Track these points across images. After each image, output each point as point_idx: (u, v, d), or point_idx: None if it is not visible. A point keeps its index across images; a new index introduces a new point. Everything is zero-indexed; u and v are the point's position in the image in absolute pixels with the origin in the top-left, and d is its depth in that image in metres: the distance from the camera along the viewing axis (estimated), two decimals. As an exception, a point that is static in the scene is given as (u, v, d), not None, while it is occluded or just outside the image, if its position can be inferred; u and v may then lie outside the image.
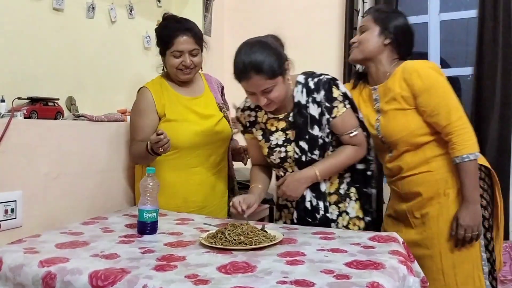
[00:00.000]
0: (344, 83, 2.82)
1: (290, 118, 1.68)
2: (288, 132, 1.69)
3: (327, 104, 1.62)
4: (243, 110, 1.82)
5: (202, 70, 2.06)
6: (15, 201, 1.59)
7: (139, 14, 2.43)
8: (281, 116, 1.70)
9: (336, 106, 1.64)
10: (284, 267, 1.15)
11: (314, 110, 1.63)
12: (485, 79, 2.57)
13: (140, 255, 1.27)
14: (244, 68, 1.53)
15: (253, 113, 1.78)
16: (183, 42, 1.89)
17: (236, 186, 2.17)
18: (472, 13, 2.70)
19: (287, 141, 1.69)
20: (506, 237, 2.49)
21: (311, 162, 1.66)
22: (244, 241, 1.34)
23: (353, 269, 1.14)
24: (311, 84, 1.64)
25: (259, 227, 1.45)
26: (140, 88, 1.98)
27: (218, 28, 3.23)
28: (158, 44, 1.97)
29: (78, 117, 1.90)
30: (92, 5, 2.11)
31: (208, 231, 1.49)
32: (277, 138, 1.71)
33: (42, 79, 1.89)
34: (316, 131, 1.64)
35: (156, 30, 1.98)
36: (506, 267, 2.02)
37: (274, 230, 1.50)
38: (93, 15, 2.13)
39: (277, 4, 3.19)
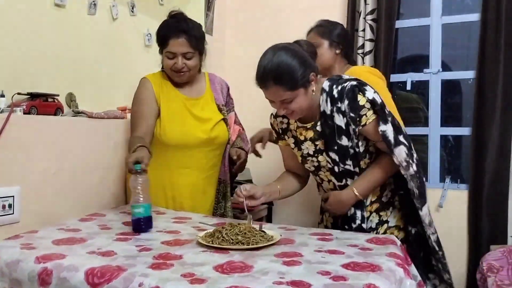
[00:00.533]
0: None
1: (318, 128, 1.61)
2: (317, 142, 1.63)
3: (351, 115, 1.52)
4: (275, 116, 1.78)
5: (200, 71, 2.04)
6: (13, 196, 1.59)
7: (140, 11, 2.43)
8: (308, 126, 1.64)
9: (365, 114, 1.53)
10: (280, 268, 1.15)
11: (339, 121, 1.55)
12: (486, 83, 2.57)
13: (137, 253, 1.27)
14: (263, 75, 1.48)
15: (285, 120, 1.73)
16: (177, 44, 1.86)
17: (229, 192, 2.10)
18: (475, 16, 2.69)
19: (317, 151, 1.64)
20: (504, 242, 2.49)
21: (346, 172, 1.62)
22: (241, 241, 1.33)
23: (350, 270, 1.13)
24: (335, 92, 1.54)
25: (257, 227, 1.44)
26: (142, 78, 1.98)
27: (220, 27, 3.23)
28: (156, 41, 1.96)
29: (77, 113, 1.90)
30: (94, 1, 2.11)
31: (206, 230, 1.49)
32: (308, 147, 1.66)
33: (42, 75, 1.88)
34: (344, 141, 1.56)
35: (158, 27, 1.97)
36: (503, 272, 2.01)
37: (272, 230, 1.49)
38: (95, 12, 2.13)
39: (279, 4, 3.18)
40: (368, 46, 2.78)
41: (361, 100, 1.52)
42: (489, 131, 2.55)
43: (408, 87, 2.92)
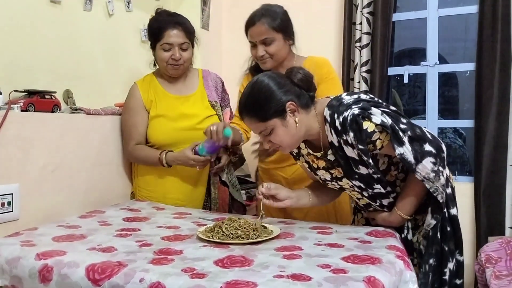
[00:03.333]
0: (342, 78, 2.84)
1: (329, 157, 1.49)
2: (332, 171, 1.52)
3: (360, 147, 1.37)
4: None
5: (192, 64, 2.06)
6: (12, 194, 1.58)
7: (136, 7, 2.42)
8: (318, 155, 1.53)
9: (378, 138, 1.39)
10: (281, 261, 1.15)
11: (350, 152, 1.41)
12: (483, 75, 2.58)
13: (137, 249, 1.27)
14: (239, 108, 1.49)
15: None
16: (173, 35, 1.90)
17: (215, 188, 2.08)
18: (472, 9, 2.69)
19: (335, 178, 1.54)
20: (502, 233, 2.51)
21: (377, 195, 1.52)
22: (241, 235, 1.34)
23: (350, 263, 1.14)
24: (338, 124, 1.40)
25: (258, 219, 1.45)
26: (133, 85, 2.03)
27: (216, 22, 3.22)
28: (149, 37, 1.98)
29: (75, 110, 1.90)
30: (89, -3, 2.10)
31: (206, 225, 1.49)
32: (323, 175, 1.56)
33: (39, 72, 1.88)
34: (363, 170, 1.44)
35: (148, 24, 1.98)
36: (501, 263, 2.03)
37: (272, 224, 1.50)
38: (91, 8, 2.12)
39: (276, -2, 3.17)
40: (365, 40, 2.77)
41: (369, 127, 1.37)
42: (486, 122, 2.55)
43: (406, 80, 2.92)
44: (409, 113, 2.85)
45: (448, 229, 1.48)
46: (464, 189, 2.67)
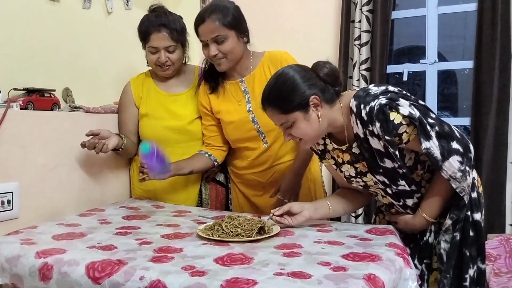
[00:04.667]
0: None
1: (354, 150, 1.46)
2: (357, 165, 1.49)
3: (387, 138, 1.33)
4: None
5: (187, 62, 2.05)
6: (12, 192, 1.58)
7: (135, 5, 2.41)
8: (343, 148, 1.50)
9: (405, 131, 1.35)
10: (281, 259, 1.15)
11: (376, 144, 1.38)
12: (483, 73, 2.57)
13: (137, 247, 1.27)
14: (262, 98, 1.45)
15: (321, 141, 1.59)
16: (158, 38, 1.87)
17: (206, 189, 2.06)
18: (471, 6, 2.69)
19: (360, 173, 1.51)
20: (502, 230, 2.51)
21: (401, 193, 1.47)
22: (241, 233, 1.34)
23: (350, 261, 1.14)
24: (364, 114, 1.36)
25: (256, 219, 1.45)
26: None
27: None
28: (139, 37, 1.95)
29: (74, 108, 1.89)
30: (88, -5, 2.09)
31: (205, 223, 1.49)
32: (348, 170, 1.53)
33: (38, 70, 1.87)
34: (389, 163, 1.40)
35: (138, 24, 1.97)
36: (501, 260, 2.03)
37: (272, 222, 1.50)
38: (90, 6, 2.12)
39: (275, -4, 3.17)
40: (365, 38, 2.77)
41: (396, 118, 1.34)
42: (486, 121, 2.55)
43: (405, 78, 2.92)
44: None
45: (471, 234, 1.43)
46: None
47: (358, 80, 2.76)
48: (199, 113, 1.98)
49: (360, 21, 2.77)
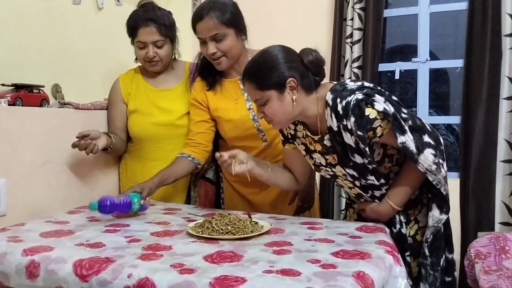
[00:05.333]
0: (331, 73, 2.83)
1: (326, 142, 1.48)
2: (327, 156, 1.52)
3: (359, 133, 1.36)
4: None
5: (177, 57, 2.03)
6: (-1, 189, 1.57)
7: (126, 1, 2.39)
8: (316, 138, 1.51)
9: (379, 125, 1.38)
10: (270, 257, 1.15)
11: (348, 139, 1.40)
12: (473, 71, 2.58)
13: (126, 244, 1.26)
14: (243, 72, 1.47)
15: (292, 126, 1.60)
16: (145, 33, 1.85)
17: (194, 187, 2.06)
18: (462, 5, 2.70)
19: (329, 164, 1.54)
20: (491, 229, 2.53)
21: (370, 186, 1.50)
22: (231, 231, 1.33)
23: (339, 258, 1.14)
24: (340, 108, 1.38)
25: (246, 217, 1.44)
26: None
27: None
28: (127, 33, 1.94)
29: (64, 104, 1.88)
30: (78, -9, 2.07)
31: (195, 220, 1.49)
32: (319, 158, 1.55)
33: (27, 66, 1.85)
34: (358, 159, 1.42)
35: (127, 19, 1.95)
36: (491, 258, 2.04)
37: (262, 220, 1.49)
38: (80, 1, 2.09)
39: (267, -8, 3.16)
40: (357, 35, 2.77)
41: (371, 113, 1.37)
42: (475, 119, 2.56)
43: (397, 76, 2.93)
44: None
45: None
46: (450, 185, 2.69)
47: (350, 78, 2.76)
48: (189, 108, 1.95)
49: (352, 19, 2.77)
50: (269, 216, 1.63)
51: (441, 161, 1.41)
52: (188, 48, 2.27)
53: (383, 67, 2.95)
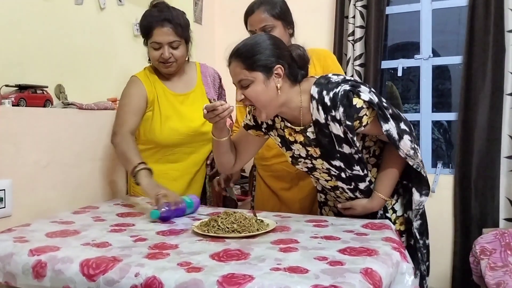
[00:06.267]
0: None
1: (309, 134, 1.49)
2: (308, 148, 1.52)
3: (348, 123, 1.39)
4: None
5: (189, 59, 2.00)
6: (4, 190, 1.57)
7: (128, 1, 2.39)
8: (298, 129, 1.51)
9: (365, 114, 1.42)
10: (277, 254, 1.14)
11: (336, 129, 1.42)
12: (475, 68, 2.58)
13: (132, 244, 1.26)
14: (231, 51, 1.47)
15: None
16: (162, 33, 1.81)
17: (209, 187, 2.06)
18: (464, 1, 2.69)
19: (310, 156, 1.54)
20: (496, 225, 2.52)
21: (355, 177, 1.52)
22: (237, 229, 1.33)
23: (346, 255, 1.14)
24: (327, 100, 1.41)
25: (251, 215, 1.44)
26: (132, 76, 1.94)
27: (209, 16, 3.20)
28: (141, 34, 1.90)
29: (67, 105, 1.88)
30: (80, -9, 2.07)
31: (201, 219, 1.48)
32: (299, 149, 1.55)
33: (31, 67, 1.85)
34: (346, 149, 1.45)
35: (140, 19, 1.91)
36: (496, 254, 2.04)
37: (267, 218, 1.49)
38: (82, 1, 2.09)
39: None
40: (359, 33, 2.77)
41: (358, 103, 1.40)
42: (478, 115, 2.56)
43: (400, 74, 2.92)
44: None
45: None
46: (449, 182, 2.71)
47: (352, 76, 2.76)
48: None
49: (354, 17, 2.77)
50: (274, 214, 1.62)
51: (416, 146, 1.48)
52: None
53: (385, 64, 2.94)
